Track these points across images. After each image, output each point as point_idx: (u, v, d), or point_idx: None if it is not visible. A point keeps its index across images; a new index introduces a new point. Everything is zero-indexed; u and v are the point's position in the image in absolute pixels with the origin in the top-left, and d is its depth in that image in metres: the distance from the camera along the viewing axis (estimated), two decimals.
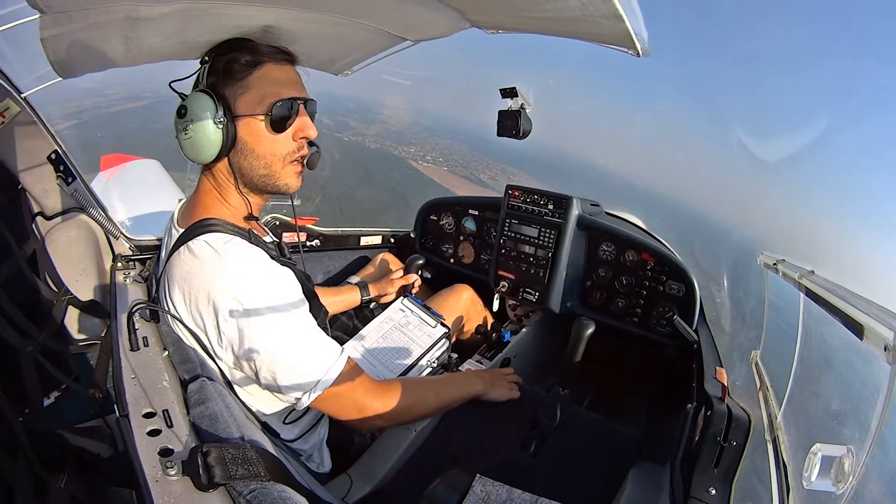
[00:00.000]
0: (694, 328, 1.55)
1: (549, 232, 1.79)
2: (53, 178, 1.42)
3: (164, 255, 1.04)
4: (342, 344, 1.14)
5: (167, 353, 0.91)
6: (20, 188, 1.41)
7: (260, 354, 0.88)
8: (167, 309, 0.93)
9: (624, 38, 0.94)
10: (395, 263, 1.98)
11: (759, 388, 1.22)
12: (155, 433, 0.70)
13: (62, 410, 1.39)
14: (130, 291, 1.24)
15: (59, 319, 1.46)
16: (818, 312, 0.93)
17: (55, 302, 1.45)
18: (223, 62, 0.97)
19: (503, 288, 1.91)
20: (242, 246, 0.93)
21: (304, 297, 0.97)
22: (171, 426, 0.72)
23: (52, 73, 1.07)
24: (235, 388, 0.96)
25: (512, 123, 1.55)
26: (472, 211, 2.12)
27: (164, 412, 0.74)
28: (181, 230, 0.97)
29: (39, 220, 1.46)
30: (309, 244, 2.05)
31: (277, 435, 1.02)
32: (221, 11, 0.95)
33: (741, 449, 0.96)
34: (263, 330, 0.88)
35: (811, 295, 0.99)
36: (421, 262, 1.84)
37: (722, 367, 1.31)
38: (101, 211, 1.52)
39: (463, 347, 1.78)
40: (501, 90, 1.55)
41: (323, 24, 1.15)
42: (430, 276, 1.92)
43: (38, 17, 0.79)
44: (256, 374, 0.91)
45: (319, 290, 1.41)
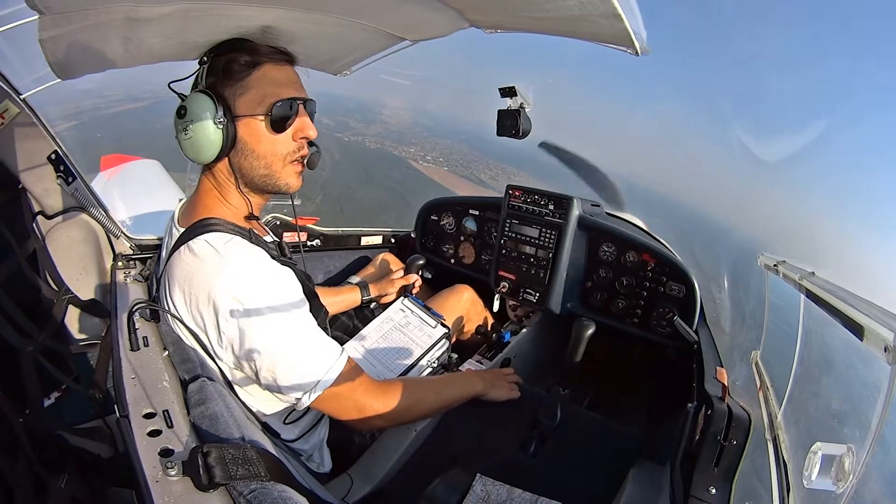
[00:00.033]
0: (694, 329, 1.55)
1: (549, 232, 1.79)
2: (53, 178, 1.42)
3: (164, 254, 1.05)
4: (342, 344, 1.15)
5: (167, 352, 0.91)
6: (20, 188, 1.41)
7: (260, 354, 0.88)
8: (167, 308, 0.93)
9: (623, 37, 0.95)
10: (395, 263, 1.98)
11: (759, 388, 1.21)
12: (155, 433, 0.70)
13: (62, 411, 1.39)
14: (131, 291, 1.24)
15: (59, 319, 1.46)
16: (818, 313, 0.93)
17: (55, 301, 1.45)
18: (222, 62, 0.97)
19: (504, 288, 1.91)
20: (243, 245, 0.93)
21: (304, 296, 0.97)
22: (171, 426, 0.72)
23: (50, 74, 1.06)
24: (236, 388, 0.96)
25: (511, 123, 1.55)
26: (472, 211, 2.12)
27: (164, 412, 0.74)
28: (182, 230, 0.97)
29: (40, 219, 1.46)
30: (309, 244, 2.05)
31: (278, 435, 1.02)
32: (221, 12, 0.95)
33: (741, 448, 0.96)
34: (264, 330, 0.88)
35: (811, 296, 0.99)
36: (421, 262, 1.84)
37: (722, 367, 1.31)
38: (101, 210, 1.52)
39: (463, 348, 1.78)
40: (500, 90, 1.55)
41: (322, 24, 1.15)
42: (430, 276, 1.92)
43: (37, 18, 0.79)
44: (256, 374, 0.91)
45: (320, 289, 1.41)
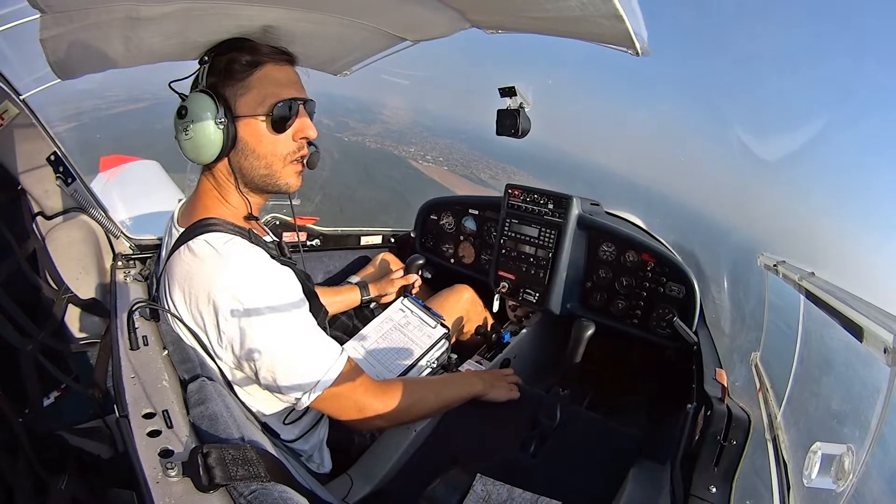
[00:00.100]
0: (694, 330, 1.55)
1: (549, 232, 1.79)
2: (53, 179, 1.42)
3: (164, 254, 1.04)
4: (342, 344, 1.15)
5: (167, 352, 0.91)
6: (20, 189, 1.41)
7: (260, 354, 0.88)
8: (167, 308, 0.93)
9: (624, 38, 0.94)
10: (395, 263, 1.98)
11: (758, 389, 1.22)
12: (155, 434, 0.70)
13: (62, 410, 1.39)
14: (131, 290, 1.24)
15: (59, 318, 1.46)
16: (818, 314, 0.93)
17: (55, 300, 1.45)
18: (223, 62, 0.97)
19: (503, 288, 1.91)
20: (243, 245, 0.93)
21: (304, 296, 0.97)
22: (170, 427, 0.71)
23: (50, 74, 1.06)
24: (235, 388, 0.96)
25: (511, 122, 1.55)
26: (472, 210, 2.12)
27: (163, 412, 0.74)
28: (181, 230, 0.97)
29: (40, 219, 1.46)
30: (309, 244, 2.05)
31: (277, 435, 1.02)
32: (222, 11, 0.95)
33: (741, 448, 0.96)
34: (263, 330, 0.88)
35: (811, 297, 0.99)
36: (421, 262, 1.84)
37: (722, 368, 1.31)
38: (101, 211, 1.52)
39: (463, 348, 1.77)
40: (500, 89, 1.55)
41: (323, 24, 1.15)
42: (430, 276, 1.92)
43: (38, 16, 0.79)
44: (256, 374, 0.91)
45: (319, 289, 1.41)
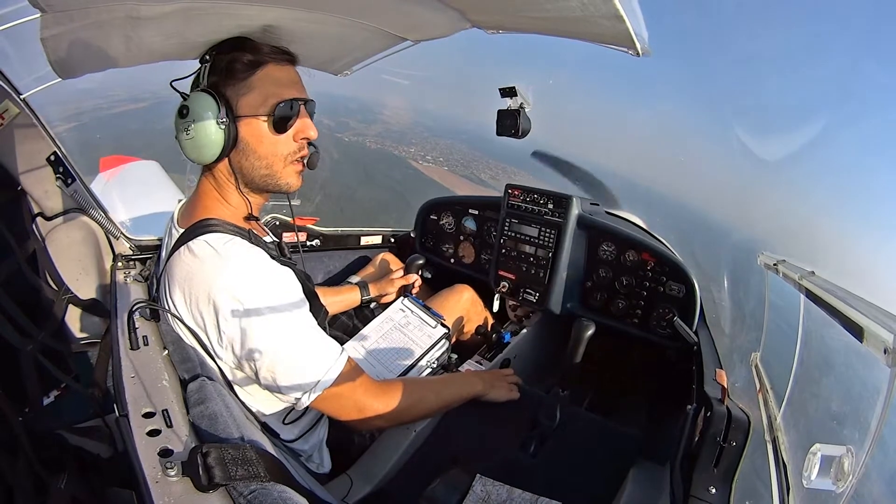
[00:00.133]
0: (694, 330, 1.55)
1: (549, 231, 1.79)
2: (53, 179, 1.42)
3: (164, 254, 1.05)
4: (342, 344, 1.15)
5: (167, 352, 0.91)
6: (20, 189, 1.41)
7: (260, 354, 0.88)
8: (167, 308, 0.93)
9: (624, 38, 0.94)
10: (395, 263, 1.98)
11: (758, 389, 1.21)
12: (154, 433, 0.70)
13: (62, 410, 1.39)
14: (131, 291, 1.24)
15: (59, 318, 1.46)
16: (818, 314, 0.93)
17: (55, 301, 1.45)
18: (225, 62, 0.96)
19: (503, 288, 1.91)
20: (243, 246, 0.93)
21: (304, 297, 0.97)
22: (170, 426, 0.72)
23: (51, 73, 1.06)
24: (235, 388, 0.96)
25: (511, 123, 1.55)
26: (472, 210, 2.12)
27: (163, 412, 0.74)
28: (181, 230, 0.97)
29: (40, 220, 1.46)
30: (309, 244, 2.05)
31: (277, 435, 1.02)
32: (222, 11, 0.95)
33: (741, 449, 0.96)
34: (264, 330, 0.88)
35: (811, 296, 0.98)
36: (421, 262, 1.84)
37: (722, 368, 1.31)
38: (101, 211, 1.52)
39: (463, 348, 1.77)
40: (500, 90, 1.55)
41: (323, 24, 1.15)
42: (430, 276, 1.92)
43: (38, 16, 0.79)
44: (256, 374, 0.91)
45: (319, 289, 1.41)
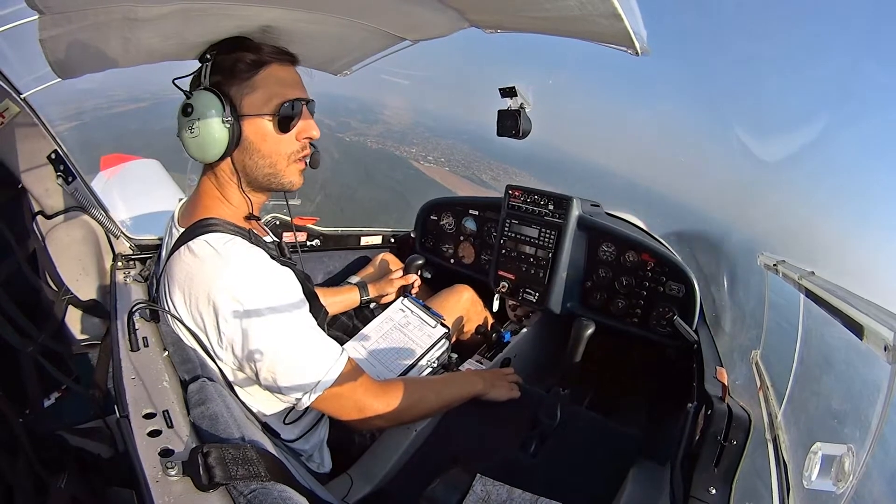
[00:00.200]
0: (694, 328, 1.55)
1: (549, 232, 1.79)
2: (53, 177, 1.42)
3: (164, 254, 1.05)
4: (342, 344, 1.15)
5: (167, 353, 0.91)
6: (20, 187, 1.41)
7: (260, 355, 0.88)
8: (167, 309, 0.93)
9: (623, 37, 0.94)
10: (395, 263, 1.98)
11: (759, 387, 1.21)
12: (155, 434, 0.70)
13: (62, 411, 1.39)
14: (131, 291, 1.24)
15: (59, 319, 1.46)
16: (818, 313, 0.93)
17: (55, 301, 1.45)
18: (228, 61, 0.96)
19: (503, 288, 1.91)
20: (243, 246, 0.93)
21: (304, 297, 0.97)
22: (171, 427, 0.72)
23: (51, 73, 1.06)
24: (236, 388, 0.96)
25: (511, 123, 1.55)
26: (472, 211, 2.12)
27: (164, 413, 0.74)
28: (181, 230, 0.97)
29: (40, 219, 1.46)
30: (309, 244, 2.05)
31: (278, 435, 1.02)
32: (221, 12, 0.94)
33: (741, 448, 0.96)
34: (264, 330, 0.88)
35: (811, 296, 0.98)
36: (421, 262, 1.84)
37: (722, 366, 1.31)
38: (101, 210, 1.52)
39: (463, 348, 1.77)
40: (500, 90, 1.55)
41: (322, 24, 1.15)
42: (430, 276, 1.92)
43: (37, 17, 0.79)
44: (257, 374, 0.91)
45: (319, 290, 1.41)
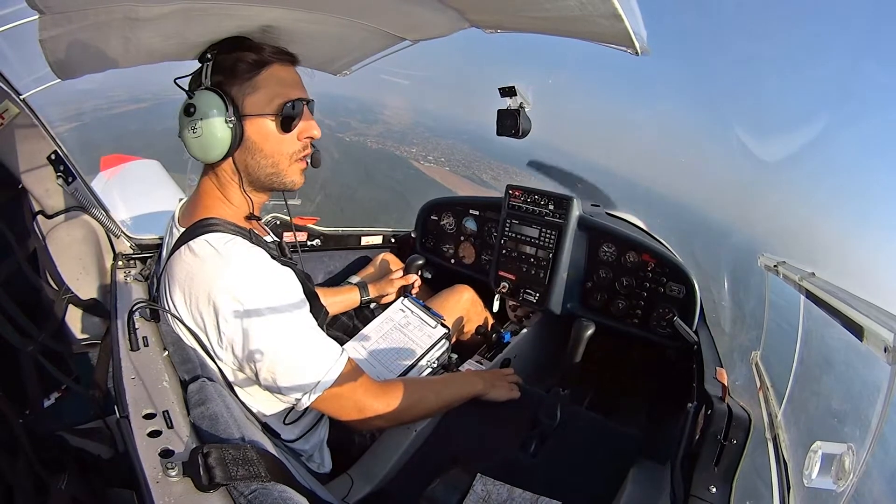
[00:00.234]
0: (694, 329, 1.55)
1: (549, 232, 1.79)
2: (54, 178, 1.42)
3: (164, 254, 1.05)
4: (342, 344, 1.15)
5: (167, 353, 0.91)
6: (20, 188, 1.41)
7: (261, 355, 0.88)
8: (168, 308, 0.93)
9: (623, 37, 0.95)
10: (395, 263, 1.98)
11: (759, 387, 1.21)
12: (155, 434, 0.70)
13: (62, 411, 1.39)
14: (131, 290, 1.24)
15: (59, 319, 1.46)
16: (818, 314, 0.93)
17: (56, 301, 1.45)
18: (229, 61, 0.96)
19: (504, 289, 1.91)
20: (243, 246, 0.93)
21: (304, 297, 0.97)
22: (171, 427, 0.72)
23: (51, 74, 1.06)
24: (236, 388, 0.96)
25: (511, 123, 1.55)
26: (472, 211, 2.12)
27: (164, 413, 0.74)
28: (182, 229, 0.97)
29: (40, 218, 1.46)
30: (310, 244, 2.05)
31: (278, 435, 1.02)
32: (221, 12, 0.95)
33: (742, 447, 0.96)
34: (264, 330, 0.88)
35: (811, 297, 0.99)
36: (421, 262, 1.84)
37: (722, 367, 1.31)
38: (101, 210, 1.52)
39: (463, 348, 1.77)
40: (500, 89, 1.55)
41: (322, 24, 1.15)
42: (430, 276, 1.92)
43: (37, 17, 0.79)
44: (257, 374, 0.91)
45: (319, 290, 1.41)
